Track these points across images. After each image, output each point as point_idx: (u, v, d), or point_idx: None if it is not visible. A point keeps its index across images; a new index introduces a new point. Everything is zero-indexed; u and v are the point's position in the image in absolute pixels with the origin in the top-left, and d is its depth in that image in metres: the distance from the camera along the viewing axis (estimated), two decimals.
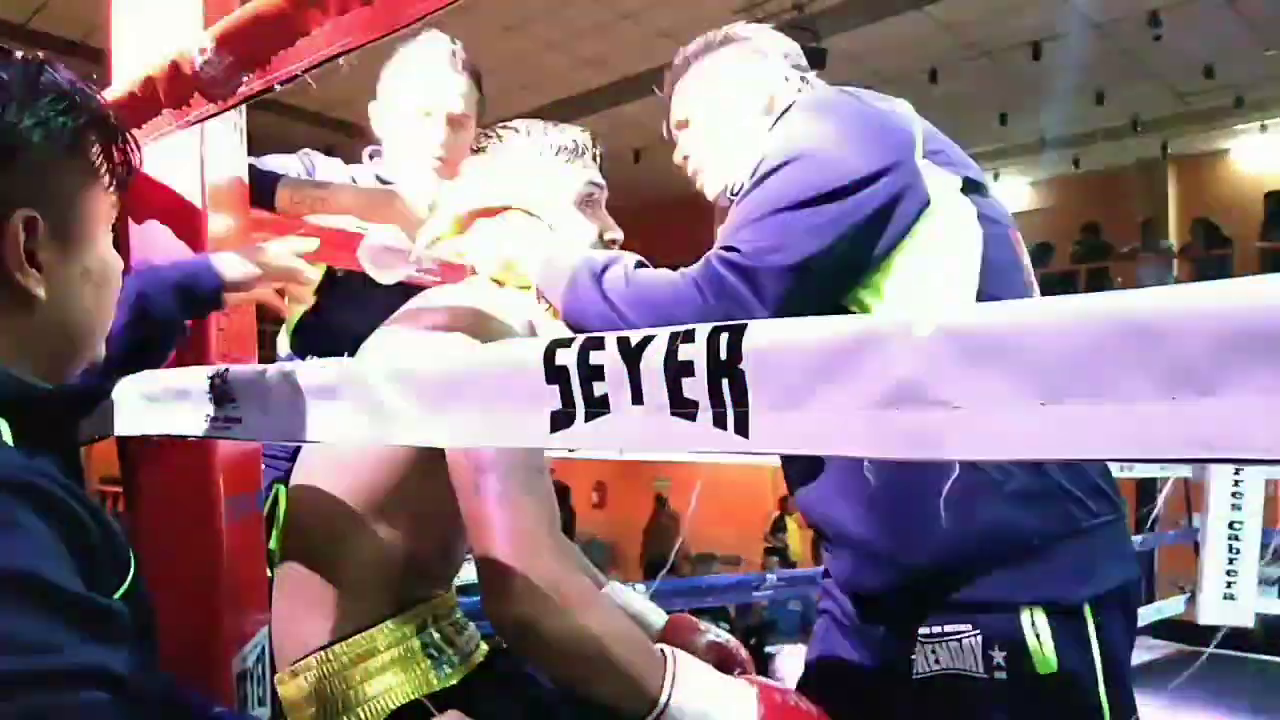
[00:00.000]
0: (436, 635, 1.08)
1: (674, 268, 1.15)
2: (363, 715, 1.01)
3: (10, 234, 0.68)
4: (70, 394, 0.78)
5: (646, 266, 1.16)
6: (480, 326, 1.09)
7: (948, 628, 1.12)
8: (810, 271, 1.09)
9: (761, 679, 1.02)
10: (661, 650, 0.97)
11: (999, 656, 1.09)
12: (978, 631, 1.10)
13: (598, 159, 1.29)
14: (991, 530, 1.09)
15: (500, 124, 1.34)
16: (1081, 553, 1.11)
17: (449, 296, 1.21)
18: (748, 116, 1.33)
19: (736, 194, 1.30)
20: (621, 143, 9.33)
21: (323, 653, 1.03)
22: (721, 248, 1.13)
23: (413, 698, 1.02)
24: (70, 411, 0.78)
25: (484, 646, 1.16)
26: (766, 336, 0.47)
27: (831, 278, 1.13)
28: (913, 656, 1.15)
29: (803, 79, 1.37)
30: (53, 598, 0.53)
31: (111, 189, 0.78)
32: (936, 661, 1.13)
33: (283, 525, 1.15)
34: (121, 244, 1.28)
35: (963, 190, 1.17)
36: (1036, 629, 1.07)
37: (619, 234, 1.29)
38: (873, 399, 0.42)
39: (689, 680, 0.95)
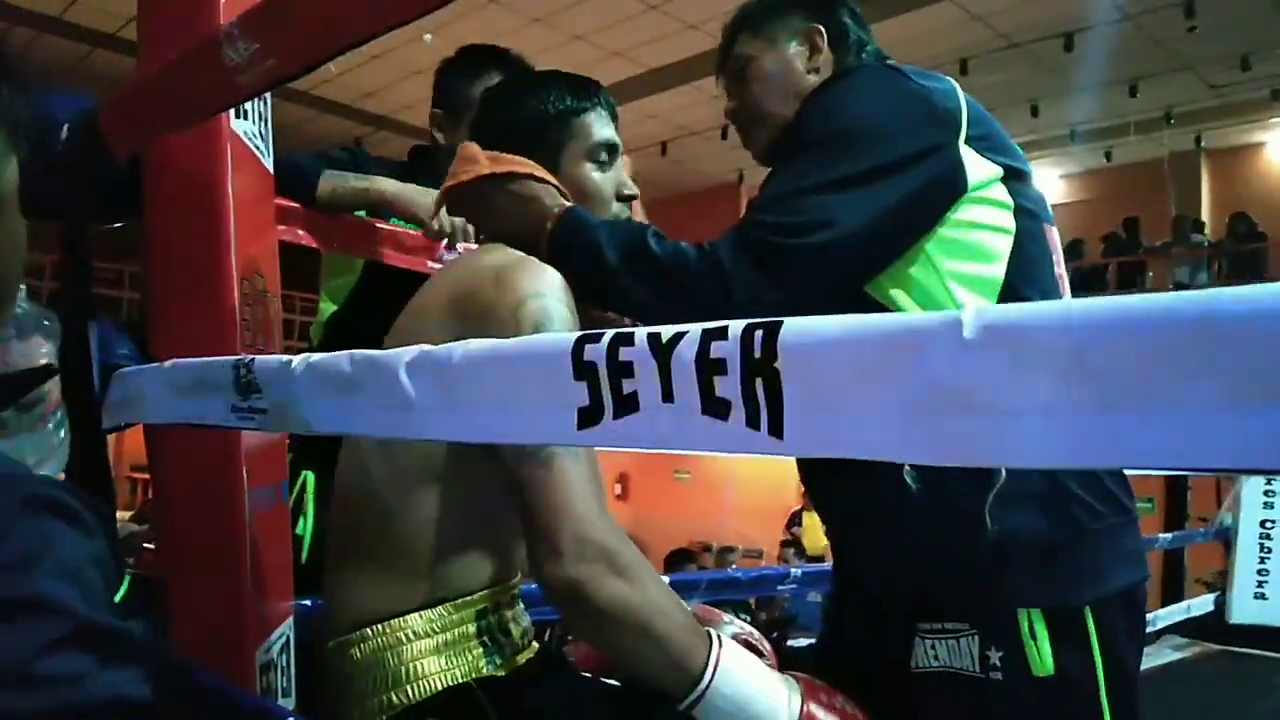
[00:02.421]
0: (494, 623, 1.07)
1: None
2: (411, 693, 1.00)
3: (5, 201, 0.67)
4: (19, 380, 0.76)
5: (664, 239, 1.13)
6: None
7: (947, 625, 1.12)
8: (840, 254, 1.07)
9: (805, 676, 1.01)
10: (709, 633, 0.96)
11: (995, 657, 1.07)
12: (975, 631, 1.09)
13: (611, 112, 1.24)
14: (995, 532, 1.07)
15: (509, 80, 1.30)
16: (1085, 555, 1.09)
17: (473, 262, 1.16)
18: (803, 71, 1.30)
19: (771, 154, 1.27)
20: (649, 135, 9.33)
21: (380, 625, 1.02)
22: (751, 222, 1.10)
23: (461, 681, 1.01)
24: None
25: (535, 645, 1.15)
26: (804, 334, 0.46)
27: (860, 262, 1.11)
28: (913, 650, 1.15)
29: (860, 39, 1.33)
30: (74, 625, 0.52)
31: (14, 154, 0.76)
32: (936, 657, 1.12)
33: (338, 497, 1.13)
34: (146, 231, 1.28)
35: (1004, 180, 1.14)
36: (1034, 631, 1.06)
37: (635, 190, 1.25)
38: (913, 401, 0.41)
39: (733, 666, 0.94)
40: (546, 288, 1.01)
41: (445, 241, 1.68)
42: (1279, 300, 0.31)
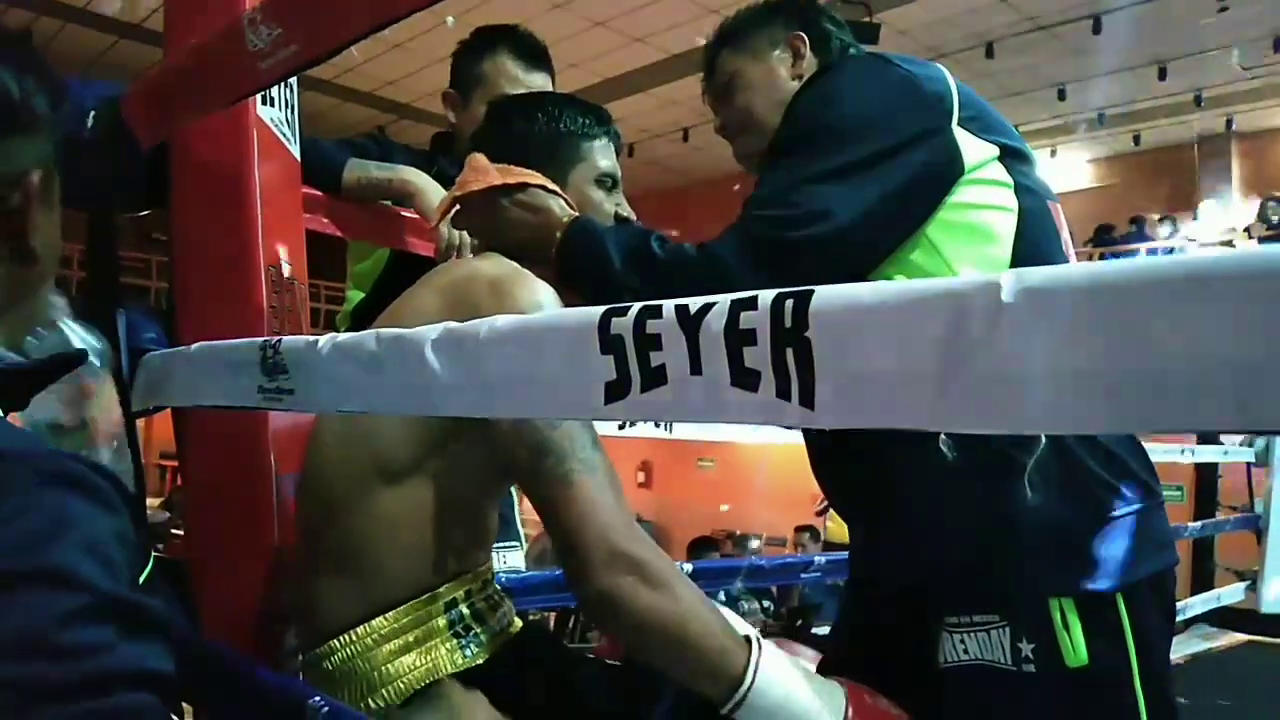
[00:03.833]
0: (466, 612, 1.06)
1: None
2: (387, 696, 1.00)
3: (29, 192, 0.70)
4: (45, 367, 0.78)
5: (667, 242, 1.13)
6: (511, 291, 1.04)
7: (976, 617, 1.10)
8: (840, 243, 1.07)
9: (848, 680, 1.00)
10: (748, 637, 0.94)
11: (1027, 649, 1.06)
12: (1005, 622, 1.07)
13: (618, 145, 1.26)
14: (1021, 519, 1.05)
15: (522, 95, 1.31)
16: (1114, 541, 1.07)
17: (470, 268, 1.16)
18: (788, 79, 1.31)
19: (763, 158, 1.27)
20: (671, 121, 9.30)
21: (346, 635, 1.01)
22: (749, 218, 1.09)
23: (435, 677, 1.01)
24: (42, 384, 0.77)
25: (518, 622, 1.15)
26: (835, 302, 0.45)
27: (860, 250, 1.10)
28: (940, 644, 1.13)
29: (841, 41, 1.34)
30: (95, 598, 0.52)
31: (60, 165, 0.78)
32: (965, 651, 1.11)
33: (299, 503, 1.13)
34: (173, 218, 1.29)
35: (1000, 159, 1.13)
36: (1066, 621, 1.04)
37: (632, 214, 1.26)
38: (952, 368, 0.40)
39: (774, 669, 0.92)
40: (545, 299, 1.02)
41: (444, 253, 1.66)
42: None
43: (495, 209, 1.16)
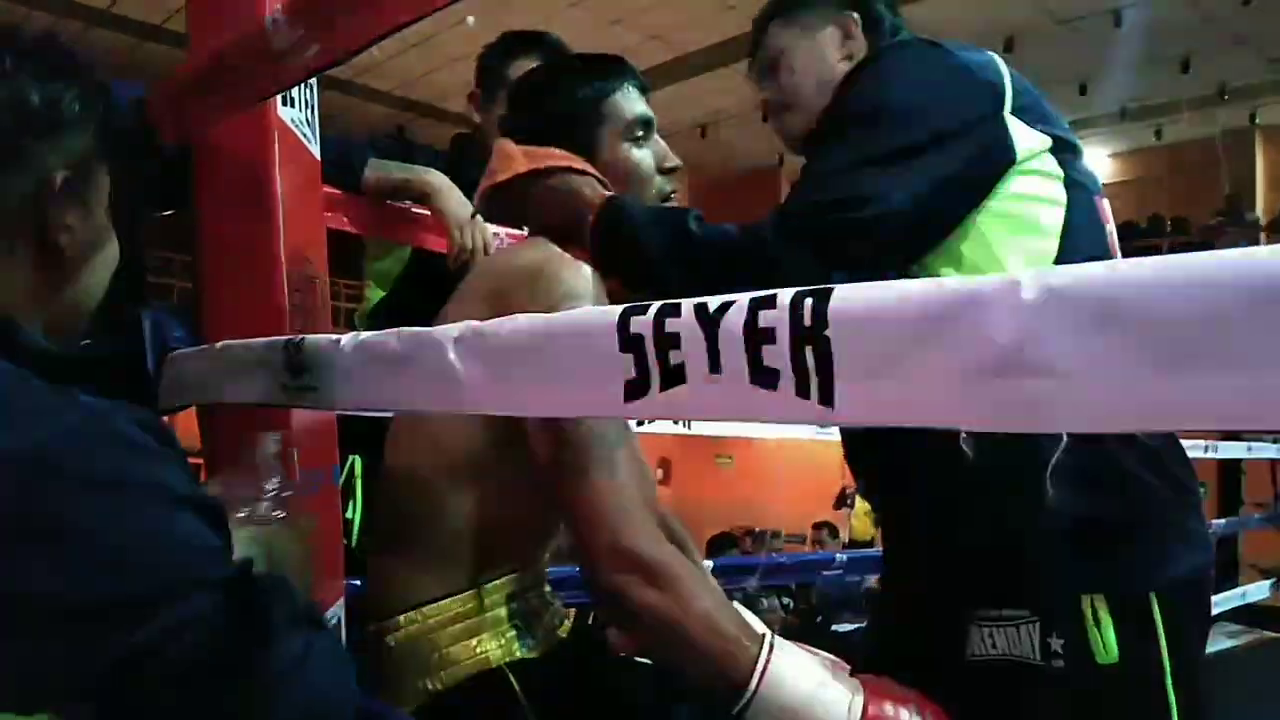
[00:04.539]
0: (524, 606, 1.08)
1: None
2: (444, 678, 1.02)
3: (54, 193, 0.73)
4: (95, 359, 0.84)
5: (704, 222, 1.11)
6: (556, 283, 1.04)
7: (1005, 612, 1.09)
8: (888, 230, 1.05)
9: (872, 678, 0.97)
10: (761, 636, 0.93)
11: (1057, 644, 1.05)
12: (1036, 618, 1.06)
13: (640, 87, 1.23)
14: (1054, 514, 1.04)
15: (536, 70, 1.28)
16: (1148, 539, 1.06)
17: (506, 261, 1.17)
18: (836, 56, 1.29)
19: (810, 139, 1.26)
20: (688, 118, 9.30)
21: (412, 613, 1.04)
22: (796, 201, 1.08)
23: (494, 665, 1.03)
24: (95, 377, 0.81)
25: (567, 624, 1.16)
26: (854, 300, 0.45)
27: (909, 237, 1.09)
28: (968, 638, 1.12)
29: (893, 24, 1.32)
30: (200, 508, 0.63)
31: (107, 162, 0.81)
32: (994, 645, 1.10)
33: (375, 488, 1.15)
34: (196, 216, 1.30)
35: (1051, 151, 1.12)
36: (1097, 618, 1.03)
37: (677, 161, 1.23)
38: (971, 366, 0.40)
39: (785, 672, 0.90)
40: (582, 288, 1.01)
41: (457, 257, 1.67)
42: None
43: (525, 197, 1.15)
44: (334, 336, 0.87)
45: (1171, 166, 10.00)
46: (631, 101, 1.20)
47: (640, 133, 1.20)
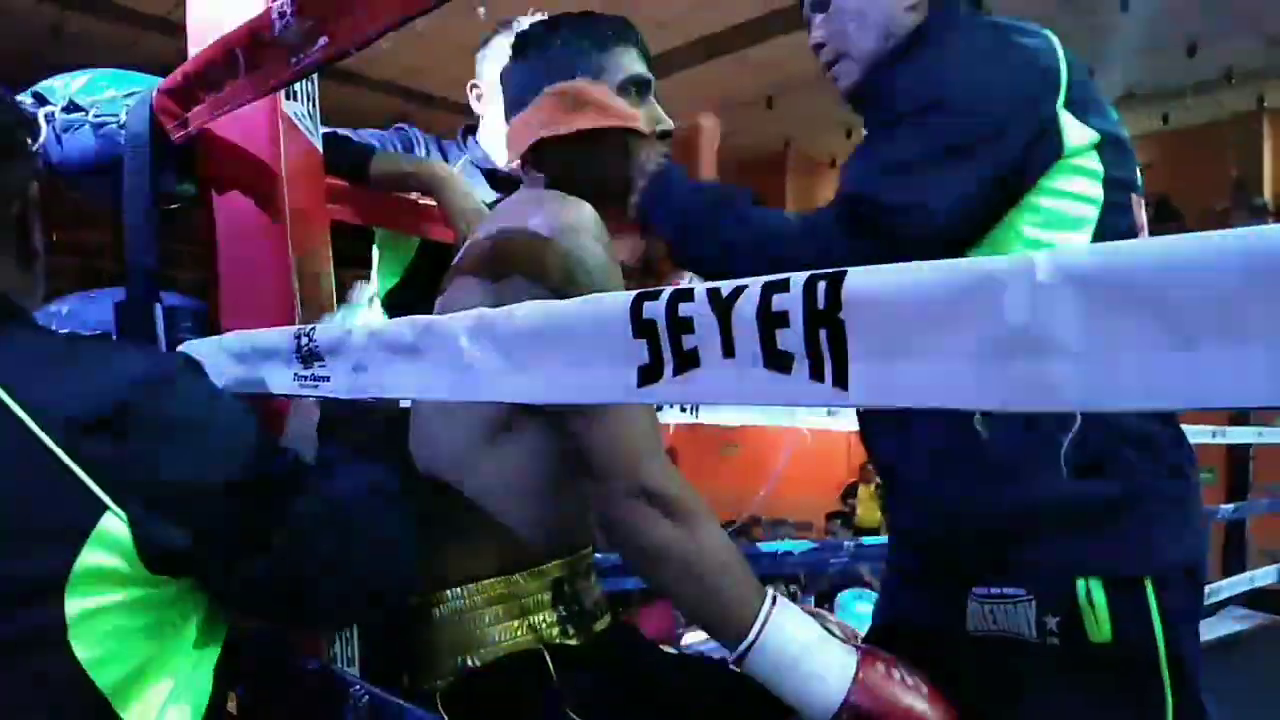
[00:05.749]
0: (568, 592, 1.08)
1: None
2: (483, 655, 1.02)
3: (33, 201, 0.88)
4: None
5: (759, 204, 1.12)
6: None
7: (1005, 590, 1.10)
8: (949, 228, 1.05)
9: (869, 646, 0.99)
10: (767, 590, 0.95)
11: (1052, 623, 1.06)
12: (1032, 596, 1.08)
13: (640, 48, 1.21)
14: (1053, 497, 1.06)
15: (536, 23, 1.27)
16: (1145, 524, 1.07)
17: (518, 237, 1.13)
18: (901, 8, 1.22)
19: (863, 99, 1.23)
20: (695, 105, 9.23)
21: (459, 588, 1.05)
22: (857, 196, 1.07)
23: (533, 647, 1.03)
24: None
25: (607, 616, 1.16)
26: (869, 283, 0.45)
27: (965, 233, 1.09)
28: (969, 613, 1.14)
29: None
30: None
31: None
32: (993, 622, 1.12)
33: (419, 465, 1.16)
34: (204, 210, 1.31)
35: (1097, 147, 1.11)
36: (1092, 599, 1.05)
37: (670, 124, 1.21)
38: (985, 347, 0.40)
39: (785, 626, 0.93)
40: (593, 265, 1.01)
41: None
42: None
43: (577, 152, 1.14)
44: (345, 325, 0.87)
45: (1178, 151, 9.95)
46: (630, 59, 1.19)
47: (634, 90, 1.19)
